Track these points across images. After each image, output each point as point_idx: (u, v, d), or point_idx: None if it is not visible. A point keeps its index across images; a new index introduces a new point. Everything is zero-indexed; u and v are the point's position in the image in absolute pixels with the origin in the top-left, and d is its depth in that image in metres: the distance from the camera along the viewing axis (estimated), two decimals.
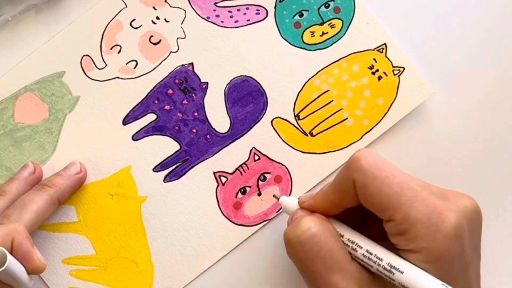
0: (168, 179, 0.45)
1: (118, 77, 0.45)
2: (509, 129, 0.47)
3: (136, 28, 0.46)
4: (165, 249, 0.44)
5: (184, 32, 0.46)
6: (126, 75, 0.45)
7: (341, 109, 0.46)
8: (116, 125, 0.45)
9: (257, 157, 0.45)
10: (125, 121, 0.45)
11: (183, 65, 0.46)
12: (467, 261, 0.35)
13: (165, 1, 0.46)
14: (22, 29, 0.45)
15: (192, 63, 0.46)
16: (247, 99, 0.46)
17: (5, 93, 0.45)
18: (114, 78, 0.45)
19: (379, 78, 0.46)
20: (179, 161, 0.45)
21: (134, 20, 0.46)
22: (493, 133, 0.47)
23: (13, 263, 0.37)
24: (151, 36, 0.46)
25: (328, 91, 0.46)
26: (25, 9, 0.45)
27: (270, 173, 0.45)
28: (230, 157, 0.45)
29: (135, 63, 0.45)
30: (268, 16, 0.46)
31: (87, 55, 0.45)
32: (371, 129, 0.46)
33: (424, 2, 0.47)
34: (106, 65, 0.45)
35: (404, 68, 0.46)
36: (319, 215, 0.39)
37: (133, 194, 0.45)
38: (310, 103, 0.46)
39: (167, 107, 0.45)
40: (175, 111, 0.45)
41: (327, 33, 0.46)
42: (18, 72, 0.45)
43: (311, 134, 0.46)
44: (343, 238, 0.37)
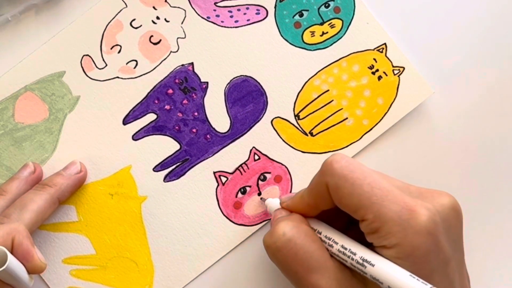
0: (168, 178, 0.45)
1: (118, 77, 0.45)
2: (509, 129, 0.47)
3: (136, 28, 0.46)
4: (165, 249, 0.44)
5: (184, 32, 0.46)
6: (126, 75, 0.45)
7: (341, 109, 0.46)
8: (116, 125, 0.45)
9: (257, 157, 0.45)
10: (125, 121, 0.45)
11: (183, 65, 0.46)
12: (445, 257, 0.35)
13: (165, 1, 0.46)
14: (22, 29, 0.45)
15: (192, 63, 0.46)
16: (247, 99, 0.46)
17: (5, 93, 0.45)
18: (114, 78, 0.45)
19: (379, 78, 0.46)
20: (179, 160, 0.45)
21: (134, 20, 0.46)
22: (493, 133, 0.47)
23: (13, 262, 0.37)
24: (151, 36, 0.46)
25: (328, 91, 0.46)
26: (25, 9, 0.45)
27: (270, 173, 0.45)
28: (230, 157, 0.45)
29: (135, 63, 0.45)
30: (268, 16, 0.46)
31: (87, 55, 0.45)
32: (371, 129, 0.46)
33: (424, 2, 0.47)
34: (106, 65, 0.45)
35: (404, 68, 0.46)
36: (295, 216, 0.40)
37: (133, 193, 0.45)
38: (310, 103, 0.46)
39: (167, 107, 0.45)
40: (175, 111, 0.45)
41: (327, 33, 0.46)
42: (18, 72, 0.45)
43: (311, 134, 0.46)
44: (321, 235, 0.38)
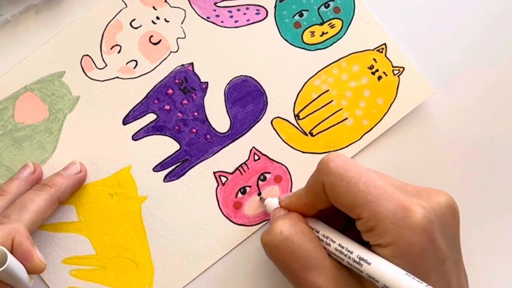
0: (168, 179, 0.45)
1: (118, 77, 0.45)
2: (509, 129, 0.47)
3: (136, 28, 0.46)
4: (165, 249, 0.44)
5: (184, 32, 0.46)
6: (126, 75, 0.45)
7: (341, 109, 0.46)
8: (116, 125, 0.45)
9: (257, 157, 0.45)
10: (125, 121, 0.45)
11: (183, 65, 0.46)
12: (442, 255, 0.35)
13: (165, 1, 0.46)
14: (22, 29, 0.45)
15: (192, 63, 0.46)
16: (247, 99, 0.46)
17: (5, 93, 0.45)
18: (114, 78, 0.45)
19: (379, 78, 0.46)
20: (179, 161, 0.45)
21: (134, 20, 0.46)
22: (493, 133, 0.47)
23: (13, 262, 0.37)
24: (151, 36, 0.46)
25: (328, 91, 0.46)
26: (25, 9, 0.45)
27: (270, 173, 0.45)
28: (230, 157, 0.45)
29: (135, 63, 0.45)
30: (268, 16, 0.46)
31: (87, 55, 0.45)
32: (371, 129, 0.46)
33: (424, 2, 0.47)
34: (106, 65, 0.45)
35: (404, 68, 0.46)
36: (293, 215, 0.40)
37: (133, 194, 0.45)
38: (310, 103, 0.46)
39: (167, 107, 0.45)
40: (175, 111, 0.45)
41: (327, 33, 0.46)
42: (18, 72, 0.45)
43: (311, 134, 0.46)
44: (318, 233, 0.39)
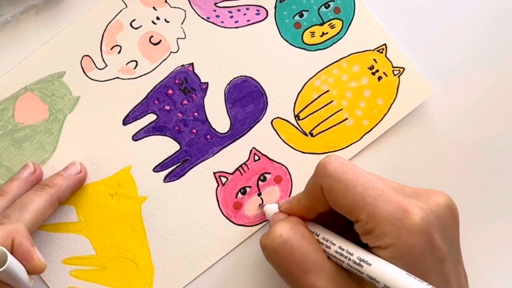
0: (168, 179, 0.45)
1: (118, 77, 0.45)
2: (509, 129, 0.47)
3: (136, 28, 0.46)
4: (165, 249, 0.44)
5: (184, 32, 0.46)
6: (126, 75, 0.45)
7: (341, 109, 0.46)
8: (116, 125, 0.45)
9: (257, 157, 0.45)
10: (125, 121, 0.45)
11: (183, 65, 0.46)
12: (441, 255, 0.35)
13: (165, 2, 0.46)
14: (22, 29, 0.45)
15: (192, 63, 0.46)
16: (247, 99, 0.46)
17: (5, 93, 0.45)
18: (114, 78, 0.45)
19: (379, 78, 0.46)
20: (179, 161, 0.45)
21: (134, 20, 0.46)
22: (493, 133, 0.47)
23: (13, 262, 0.37)
24: (151, 36, 0.46)
25: (328, 91, 0.46)
26: (25, 9, 0.45)
27: (270, 173, 0.45)
28: (230, 157, 0.45)
29: (135, 63, 0.45)
30: (268, 16, 0.46)
31: (87, 55, 0.45)
32: (371, 129, 0.46)
33: (424, 2, 0.47)
34: (106, 65, 0.45)
35: (404, 68, 0.46)
36: (293, 218, 0.40)
37: (133, 194, 0.45)
38: (310, 103, 0.46)
39: (167, 107, 0.45)
40: (175, 111, 0.45)
41: (327, 33, 0.46)
42: (18, 72, 0.45)
43: (311, 134, 0.46)
44: (318, 237, 0.39)
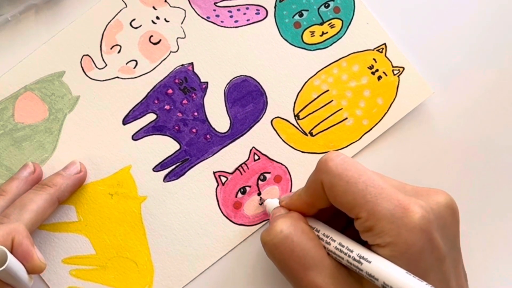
0: (168, 178, 0.45)
1: (118, 77, 0.45)
2: (509, 129, 0.47)
3: (136, 28, 0.46)
4: (165, 249, 0.44)
5: (184, 32, 0.46)
6: (126, 75, 0.45)
7: (341, 109, 0.46)
8: (116, 125, 0.45)
9: (257, 157, 0.45)
10: (125, 121, 0.45)
11: (183, 65, 0.46)
12: (440, 254, 0.35)
13: (165, 1, 0.46)
14: (22, 29, 0.45)
15: (192, 63, 0.46)
16: (247, 99, 0.46)
17: (5, 93, 0.45)
18: (114, 78, 0.45)
19: (379, 78, 0.46)
20: (179, 160, 0.45)
21: (134, 20, 0.46)
22: (493, 133, 0.47)
23: (13, 262, 0.37)
24: (151, 36, 0.46)
25: (328, 91, 0.46)
26: (25, 9, 0.45)
27: (270, 173, 0.45)
28: (230, 157, 0.45)
29: (135, 63, 0.45)
30: (268, 16, 0.46)
31: (87, 55, 0.45)
32: (371, 129, 0.46)
33: (424, 2, 0.47)
34: (106, 65, 0.45)
35: (403, 68, 0.46)
36: (293, 214, 0.40)
37: (133, 193, 0.45)
38: (310, 103, 0.46)
39: (167, 107, 0.45)
40: (175, 111, 0.45)
41: (327, 33, 0.46)
42: (18, 72, 0.45)
43: (311, 134, 0.46)
44: (319, 233, 0.39)
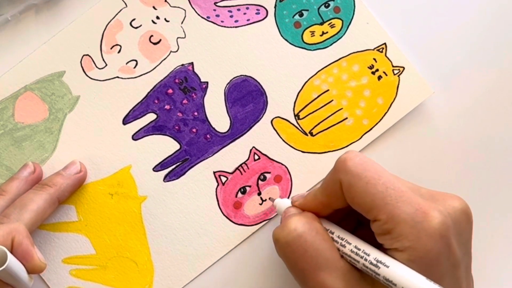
0: (168, 178, 0.45)
1: (118, 77, 0.45)
2: (509, 129, 0.47)
3: (136, 27, 0.46)
4: (165, 249, 0.44)
5: (184, 31, 0.46)
6: (126, 75, 0.45)
7: (341, 108, 0.46)
8: (116, 125, 0.45)
9: (257, 157, 0.45)
10: (125, 121, 0.45)
11: (183, 65, 0.46)
12: (456, 260, 0.35)
13: (165, 1, 0.46)
14: (22, 29, 0.45)
15: (192, 63, 0.46)
16: (247, 98, 0.46)
17: (5, 92, 0.45)
18: (114, 77, 0.45)
19: (379, 77, 0.46)
20: (179, 160, 0.45)
21: (134, 19, 0.46)
22: (493, 133, 0.47)
23: (13, 262, 0.37)
24: (151, 35, 0.46)
25: (328, 90, 0.46)
26: (25, 9, 0.45)
27: (270, 173, 0.45)
28: (230, 157, 0.45)
29: (135, 62, 0.45)
30: (268, 15, 0.46)
31: (87, 55, 0.45)
32: (371, 129, 0.46)
33: (424, 2, 0.47)
34: (106, 65, 0.45)
35: (404, 67, 0.46)
36: (308, 214, 0.39)
37: (133, 193, 0.45)
38: (310, 102, 0.46)
39: (167, 107, 0.45)
40: (175, 111, 0.45)
41: (327, 32, 0.46)
42: (18, 71, 0.45)
43: (311, 133, 0.46)
44: (333, 235, 0.38)
